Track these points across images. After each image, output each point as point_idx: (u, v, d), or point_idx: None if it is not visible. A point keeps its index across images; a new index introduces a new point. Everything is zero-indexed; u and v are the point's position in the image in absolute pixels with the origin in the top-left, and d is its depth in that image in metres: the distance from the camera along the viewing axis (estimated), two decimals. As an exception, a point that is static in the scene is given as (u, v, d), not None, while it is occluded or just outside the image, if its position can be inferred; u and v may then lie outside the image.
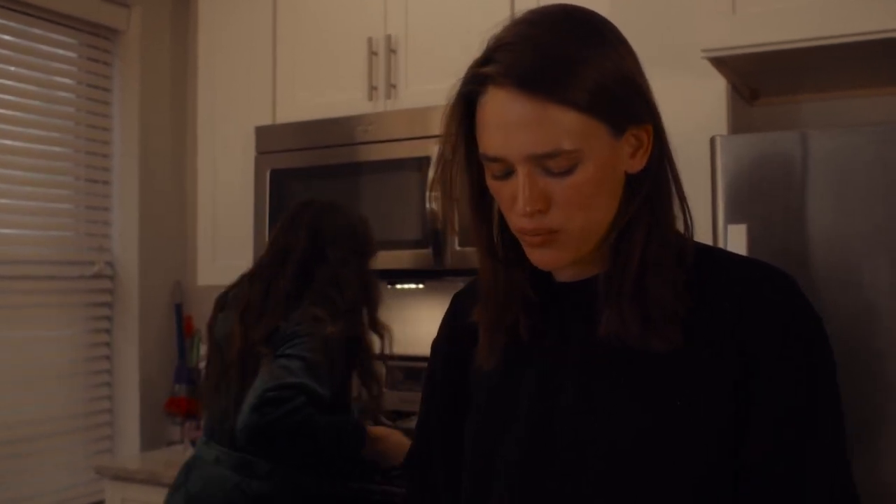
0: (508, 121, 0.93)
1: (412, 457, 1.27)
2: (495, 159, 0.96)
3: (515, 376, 1.07)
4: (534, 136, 0.92)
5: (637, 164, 0.98)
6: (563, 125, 0.91)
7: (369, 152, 2.70)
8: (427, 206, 2.52)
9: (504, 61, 0.93)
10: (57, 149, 3.11)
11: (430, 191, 2.51)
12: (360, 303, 2.29)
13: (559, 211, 0.95)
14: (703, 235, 1.09)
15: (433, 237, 2.53)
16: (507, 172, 0.97)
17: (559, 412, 1.02)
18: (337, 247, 2.27)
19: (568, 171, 0.93)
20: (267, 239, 2.85)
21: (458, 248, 2.51)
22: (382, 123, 2.69)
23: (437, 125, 2.62)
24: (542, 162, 0.93)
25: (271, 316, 2.20)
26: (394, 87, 2.78)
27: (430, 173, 2.51)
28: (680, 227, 1.03)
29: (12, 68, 2.93)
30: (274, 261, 2.28)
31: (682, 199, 1.03)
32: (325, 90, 2.91)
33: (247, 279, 2.30)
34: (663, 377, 0.98)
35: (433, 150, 2.55)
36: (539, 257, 1.00)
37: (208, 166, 3.14)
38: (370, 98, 2.81)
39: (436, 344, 1.24)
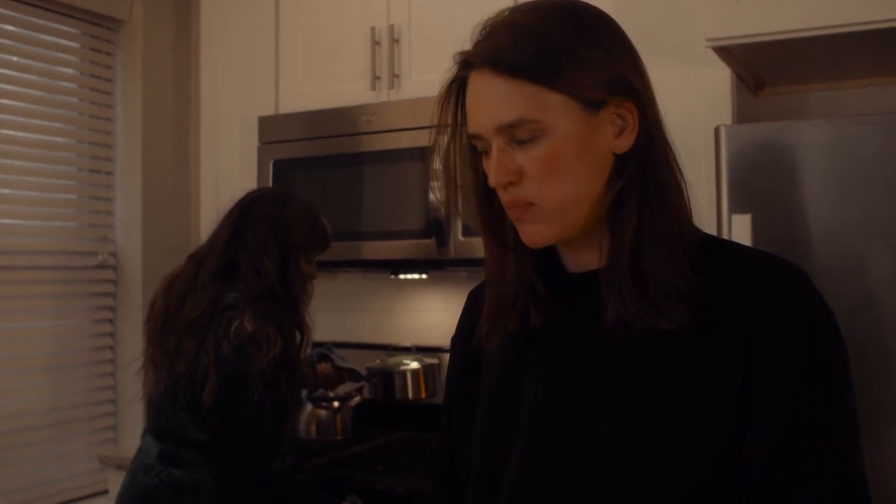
0: (482, 98, 1.00)
1: (436, 453, 1.28)
2: (475, 136, 1.02)
3: (523, 364, 1.08)
4: (500, 108, 0.98)
5: (624, 144, 1.00)
6: (526, 96, 0.97)
7: (372, 142, 2.70)
8: (430, 196, 2.51)
9: (483, 46, 1.01)
10: (60, 139, 3.11)
11: (432, 181, 2.50)
12: (279, 293, 2.19)
13: (531, 183, 0.99)
14: (707, 225, 1.09)
15: (436, 227, 2.52)
16: (488, 149, 1.01)
17: (563, 401, 1.03)
18: (257, 232, 2.22)
19: (533, 141, 0.98)
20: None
21: (461, 237, 2.51)
22: (385, 113, 2.69)
23: (440, 115, 2.62)
24: (510, 133, 0.98)
25: (198, 297, 2.17)
26: (397, 76, 2.77)
27: (434, 163, 2.50)
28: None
29: (15, 58, 2.93)
30: (208, 243, 2.27)
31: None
32: (327, 80, 2.90)
33: (186, 259, 2.30)
34: (669, 368, 0.98)
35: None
36: (524, 232, 1.03)
37: (211, 156, 3.14)
38: (373, 88, 2.80)
39: (454, 341, 1.25)
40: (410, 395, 2.82)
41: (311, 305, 2.30)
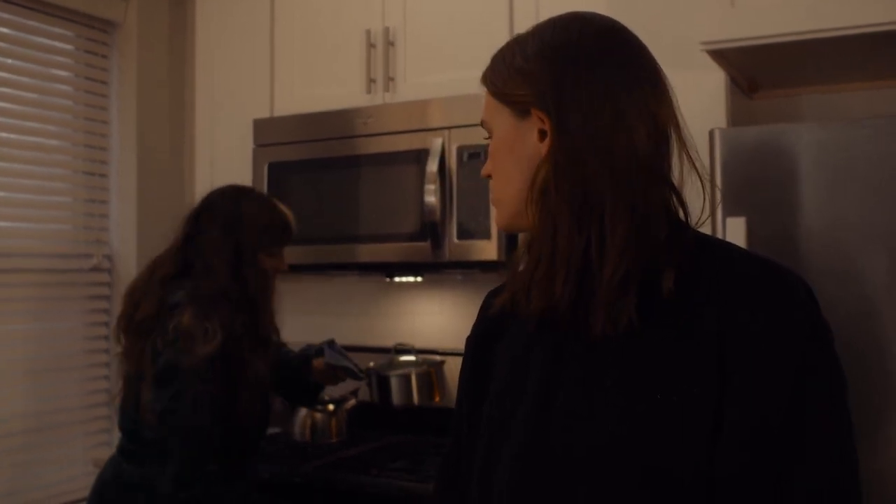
0: None
1: (448, 452, 1.28)
2: None
3: (528, 361, 1.10)
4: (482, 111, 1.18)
5: (543, 149, 1.07)
6: (487, 103, 1.15)
7: (368, 145, 2.70)
8: (425, 198, 2.51)
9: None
10: (54, 142, 3.10)
11: (428, 183, 2.50)
12: (231, 292, 2.15)
13: (493, 176, 1.16)
14: (701, 228, 1.09)
15: (431, 230, 2.52)
16: None
17: (565, 396, 1.04)
18: (210, 232, 2.21)
19: (490, 140, 1.15)
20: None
21: (456, 240, 2.51)
22: (381, 116, 2.69)
23: (435, 118, 2.65)
24: (488, 132, 1.16)
25: (148, 299, 2.17)
26: (392, 79, 2.77)
27: (429, 166, 2.51)
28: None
29: (9, 61, 2.92)
30: (168, 246, 2.28)
31: (672, 187, 1.06)
32: (323, 83, 2.90)
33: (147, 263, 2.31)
34: (649, 368, 0.99)
35: (432, 142, 2.57)
36: None
37: (206, 159, 3.14)
38: (368, 91, 2.80)
39: (468, 341, 1.26)
40: (406, 399, 2.79)
41: (284, 303, 2.35)
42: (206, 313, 2.06)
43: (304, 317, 3.29)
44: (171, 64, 3.44)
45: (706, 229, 1.07)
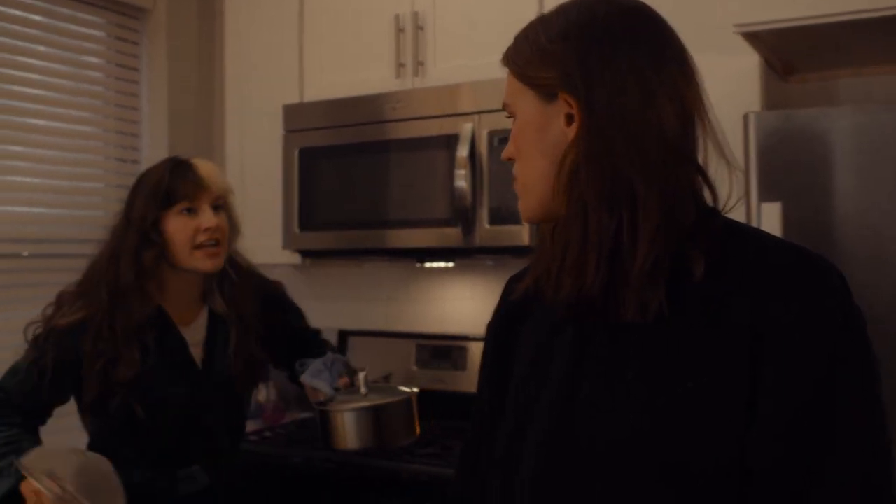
0: None
1: (468, 440, 1.28)
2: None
3: (551, 349, 1.09)
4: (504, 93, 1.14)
5: (570, 134, 1.04)
6: (509, 84, 1.12)
7: (397, 130, 2.69)
8: (456, 184, 2.50)
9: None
10: (86, 128, 3.12)
11: (458, 168, 2.49)
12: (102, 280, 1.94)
13: (516, 160, 1.13)
14: (736, 213, 1.08)
15: (462, 215, 2.51)
16: None
17: (586, 388, 1.03)
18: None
19: (513, 121, 1.12)
20: (296, 216, 2.86)
21: (487, 226, 2.50)
22: (410, 101, 2.68)
23: (465, 102, 2.63)
24: (510, 114, 1.13)
25: None
26: (422, 64, 2.76)
27: (459, 151, 2.50)
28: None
29: (42, 48, 2.94)
30: None
31: (700, 170, 1.05)
32: (352, 68, 2.90)
33: None
34: (675, 359, 0.98)
35: (462, 127, 2.56)
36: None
37: (236, 145, 3.15)
38: (398, 75, 2.79)
39: (489, 327, 1.25)
40: (346, 443, 1.92)
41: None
42: (59, 295, 1.98)
43: (334, 303, 3.31)
44: (200, 50, 3.45)
45: (740, 215, 1.05)
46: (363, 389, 1.92)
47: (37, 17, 2.93)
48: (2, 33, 2.82)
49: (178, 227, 1.91)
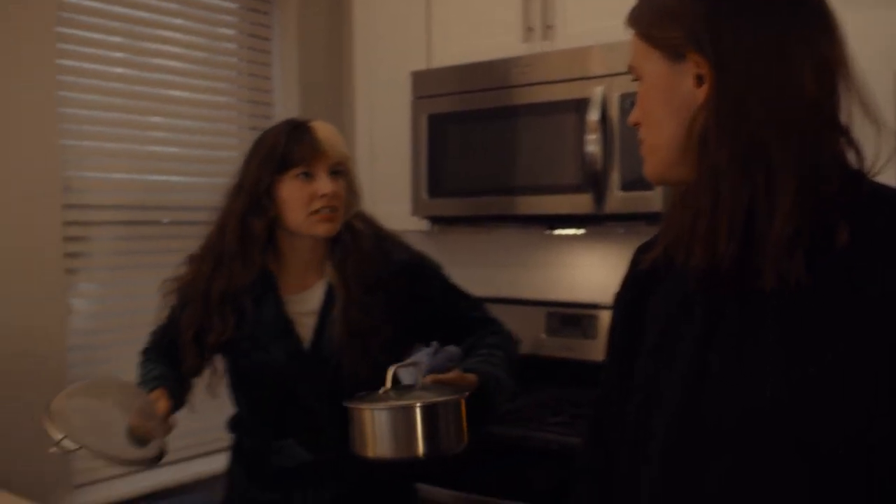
0: None
1: (594, 411, 1.26)
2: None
3: (684, 319, 1.06)
4: (629, 55, 1.12)
5: (700, 95, 1.01)
6: (634, 45, 1.09)
7: (526, 95, 2.65)
8: (586, 149, 2.45)
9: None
10: (221, 98, 3.20)
11: (589, 133, 2.43)
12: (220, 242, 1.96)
13: (642, 123, 1.10)
14: (885, 177, 1.00)
15: (593, 181, 2.46)
16: None
17: (717, 358, 1.00)
18: None
19: (638, 83, 1.09)
20: (425, 183, 2.86)
21: (619, 192, 2.44)
22: (539, 65, 2.63)
23: (596, 65, 2.56)
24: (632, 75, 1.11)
25: None
26: (550, 27, 2.70)
27: (590, 115, 2.44)
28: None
29: (178, 21, 3.02)
30: None
31: (844, 132, 0.99)
32: (480, 33, 2.86)
33: None
34: (815, 329, 0.93)
35: (593, 91, 2.50)
36: None
37: (366, 113, 3.17)
38: (526, 39, 2.75)
39: (617, 297, 1.23)
40: (375, 449, 1.63)
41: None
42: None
43: (463, 269, 3.29)
44: (330, 18, 3.48)
45: (890, 178, 0.98)
46: (417, 386, 1.68)
47: (173, -9, 3.01)
48: (141, 8, 2.90)
49: (293, 192, 1.84)
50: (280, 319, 1.88)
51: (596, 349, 2.84)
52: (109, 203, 2.82)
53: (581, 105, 2.50)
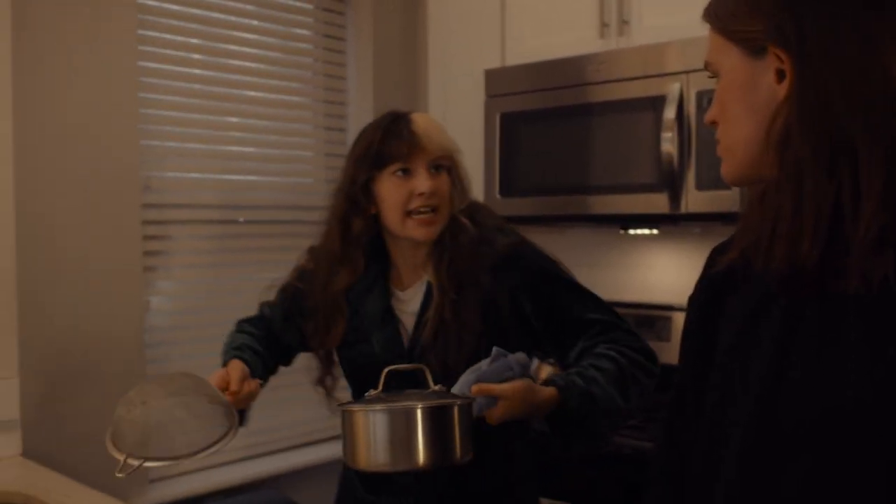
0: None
1: (667, 416, 1.23)
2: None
3: (760, 321, 1.02)
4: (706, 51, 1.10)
5: (782, 91, 0.98)
6: (711, 41, 1.07)
7: (601, 92, 2.61)
8: (662, 147, 2.40)
9: None
10: (296, 98, 3.23)
11: (665, 131, 2.39)
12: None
13: (719, 123, 1.08)
14: None
15: (669, 180, 2.41)
16: None
17: (796, 359, 0.97)
18: None
19: (717, 80, 1.06)
20: (498, 182, 2.85)
21: (696, 191, 2.39)
22: (615, 62, 2.59)
23: (672, 62, 2.51)
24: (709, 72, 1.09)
25: None
26: (626, 23, 2.66)
27: (666, 113, 2.39)
28: None
29: (255, 22, 3.06)
30: None
31: None
32: (554, 29, 2.84)
33: None
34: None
35: (669, 88, 2.45)
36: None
37: (439, 111, 3.16)
38: (601, 36, 2.71)
39: (691, 301, 1.20)
40: (369, 459, 1.49)
41: None
42: None
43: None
44: (404, 17, 3.49)
45: None
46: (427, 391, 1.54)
47: (250, -8, 3.05)
48: (218, 10, 2.95)
49: (390, 189, 1.75)
50: (385, 312, 1.82)
51: (670, 351, 2.79)
52: (186, 202, 2.87)
53: (657, 102, 2.46)
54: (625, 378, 1.65)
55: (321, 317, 1.86)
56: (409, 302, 1.83)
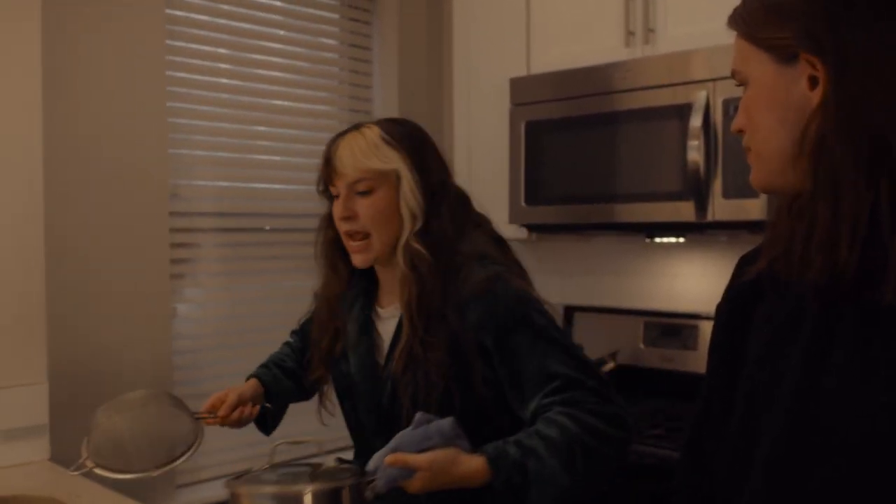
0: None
1: (692, 425, 1.23)
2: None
3: (792, 331, 1.02)
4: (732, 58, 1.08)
5: (815, 98, 0.96)
6: (739, 49, 1.05)
7: (627, 101, 2.61)
8: (688, 155, 2.39)
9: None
10: (322, 107, 3.25)
11: (691, 139, 2.38)
12: None
13: (747, 130, 1.05)
14: None
15: (695, 188, 2.40)
16: None
17: (832, 367, 0.96)
18: None
19: (745, 88, 1.05)
20: (523, 190, 2.85)
21: (722, 199, 2.37)
22: (640, 70, 2.59)
23: (699, 70, 2.50)
24: (738, 82, 1.07)
25: None
26: (652, 31, 2.66)
27: (692, 121, 2.38)
28: None
29: (281, 32, 3.08)
30: None
31: None
32: (579, 38, 2.83)
33: None
34: None
35: (695, 96, 2.44)
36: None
37: (464, 120, 3.17)
38: (627, 44, 2.70)
39: (719, 309, 1.19)
40: None
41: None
42: None
43: (561, 278, 3.28)
44: (429, 26, 3.50)
45: None
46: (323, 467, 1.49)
47: (277, 3, 3.06)
48: (246, 19, 2.97)
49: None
50: (365, 324, 1.78)
51: (695, 360, 2.78)
52: (213, 210, 2.89)
53: (683, 110, 2.45)
54: (572, 449, 1.48)
55: (314, 327, 1.86)
56: (387, 321, 1.76)
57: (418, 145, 1.73)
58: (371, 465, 1.45)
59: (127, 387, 2.49)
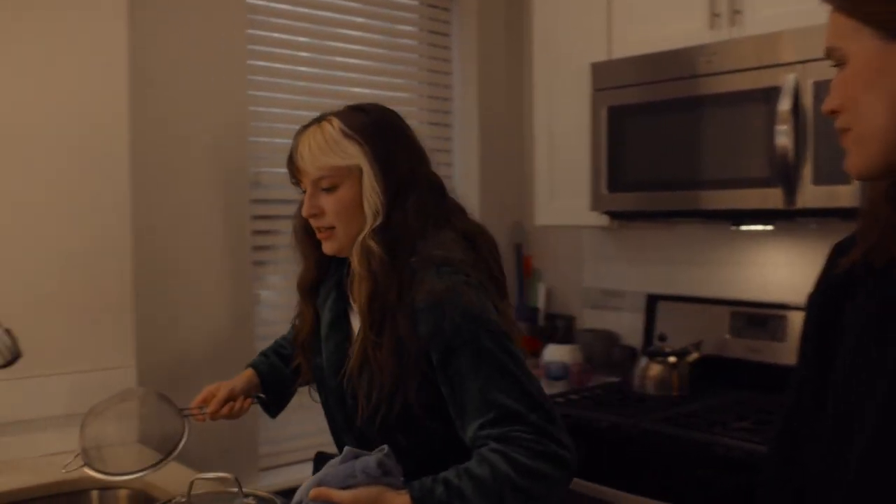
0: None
1: (782, 420, 1.19)
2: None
3: (890, 317, 0.98)
4: (825, 34, 1.02)
5: None
6: (836, 24, 0.99)
7: (712, 84, 2.54)
8: (776, 140, 2.32)
9: None
10: (401, 94, 3.24)
11: (779, 124, 2.31)
12: None
13: (844, 110, 1.00)
14: None
15: (783, 174, 2.33)
16: None
17: None
18: None
19: (840, 67, 0.99)
20: (605, 177, 2.80)
21: (812, 185, 2.30)
22: (726, 53, 2.51)
23: (787, 52, 2.42)
24: (835, 59, 1.01)
25: None
26: (738, 12, 2.58)
27: (781, 104, 2.31)
28: None
29: (360, 20, 3.08)
30: None
31: None
32: (662, 21, 2.77)
33: None
34: None
35: (783, 79, 2.37)
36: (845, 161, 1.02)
37: (545, 106, 3.13)
38: (712, 26, 2.63)
39: (811, 299, 1.15)
40: None
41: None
42: None
43: (643, 266, 3.22)
44: (509, 12, 3.48)
45: None
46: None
47: (356, -10, 3.07)
48: (325, 8, 2.98)
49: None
50: (339, 315, 1.74)
51: (784, 352, 2.70)
52: (294, 198, 2.91)
53: (771, 94, 2.37)
54: (501, 492, 1.41)
55: (296, 316, 1.86)
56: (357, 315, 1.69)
57: (382, 135, 1.66)
58: (296, 497, 1.42)
59: (212, 371, 2.55)
